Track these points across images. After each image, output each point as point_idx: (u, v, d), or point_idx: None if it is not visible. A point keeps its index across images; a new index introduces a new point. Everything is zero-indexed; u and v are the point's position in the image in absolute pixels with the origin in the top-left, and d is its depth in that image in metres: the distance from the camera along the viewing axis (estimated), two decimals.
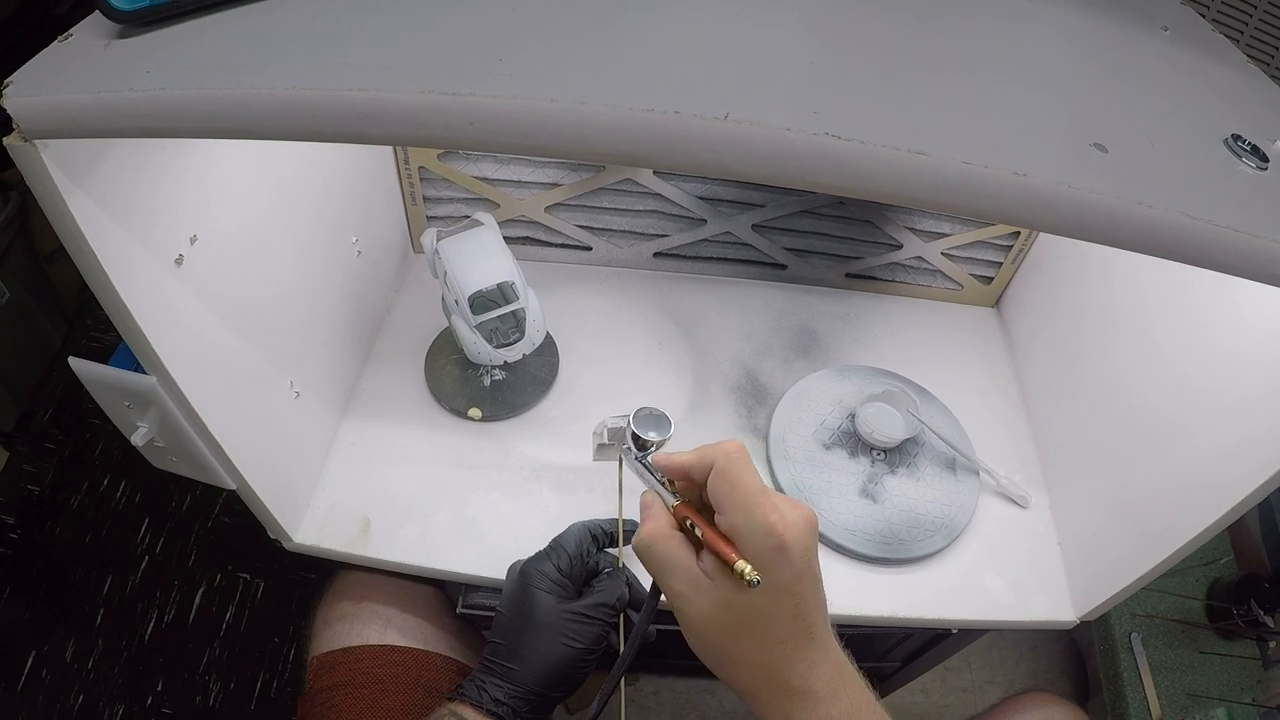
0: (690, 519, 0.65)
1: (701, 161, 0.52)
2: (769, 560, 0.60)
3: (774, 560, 0.60)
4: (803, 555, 0.61)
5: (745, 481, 0.62)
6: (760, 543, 0.60)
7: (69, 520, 1.94)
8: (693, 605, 0.63)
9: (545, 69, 0.53)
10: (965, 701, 1.82)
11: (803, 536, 0.61)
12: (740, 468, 0.63)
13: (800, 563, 0.61)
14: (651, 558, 0.66)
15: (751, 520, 0.61)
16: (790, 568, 0.60)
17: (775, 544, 0.60)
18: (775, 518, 0.60)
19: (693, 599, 0.63)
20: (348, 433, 1.06)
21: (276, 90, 0.50)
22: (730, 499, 0.62)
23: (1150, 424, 0.92)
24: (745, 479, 0.63)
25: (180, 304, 0.70)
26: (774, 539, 0.60)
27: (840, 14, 0.66)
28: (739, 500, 0.62)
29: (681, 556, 0.64)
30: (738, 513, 0.61)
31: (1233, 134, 0.63)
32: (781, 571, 0.60)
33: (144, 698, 1.71)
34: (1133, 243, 0.55)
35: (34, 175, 0.53)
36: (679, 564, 0.64)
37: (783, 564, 0.60)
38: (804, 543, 0.61)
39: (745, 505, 0.61)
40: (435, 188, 1.18)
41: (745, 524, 0.61)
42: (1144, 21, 0.79)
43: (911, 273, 1.30)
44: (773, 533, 0.60)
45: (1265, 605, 1.52)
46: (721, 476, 0.63)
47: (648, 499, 0.71)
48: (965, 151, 0.52)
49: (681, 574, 0.64)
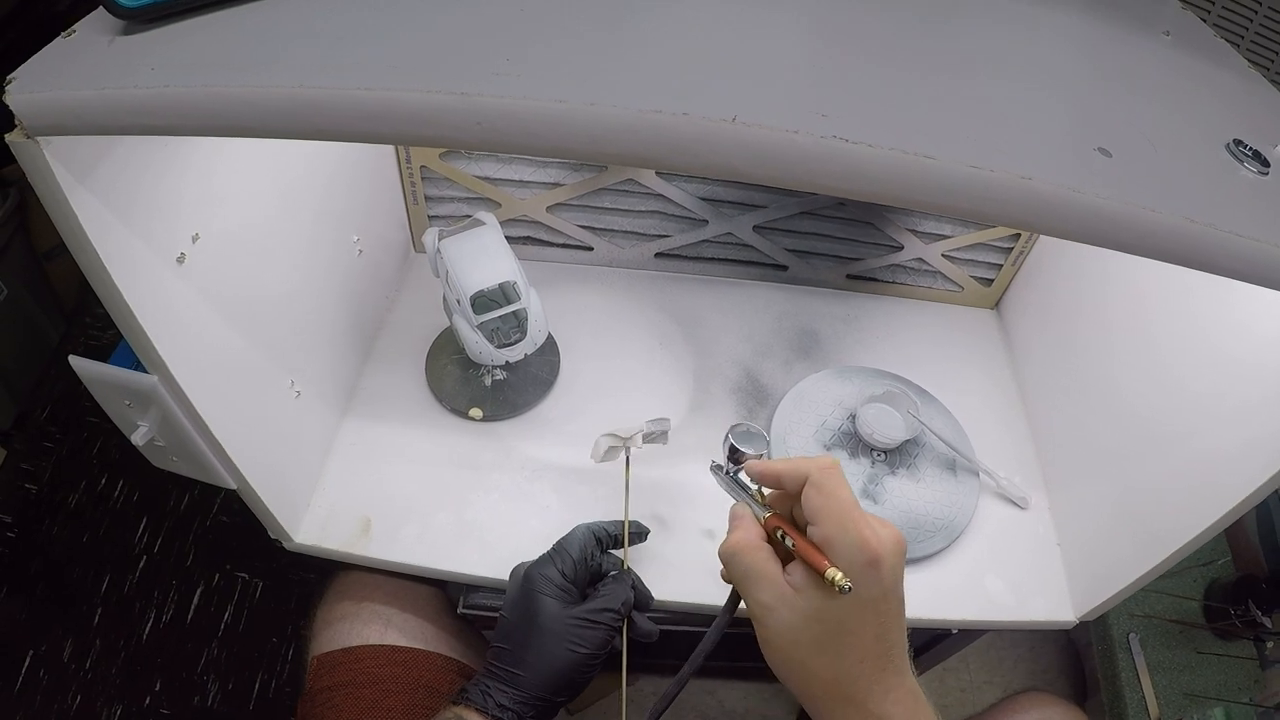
0: (782, 529, 0.66)
1: (709, 163, 0.52)
2: (860, 574, 0.60)
3: (865, 575, 0.60)
4: (892, 573, 0.62)
5: (841, 495, 0.63)
6: (852, 556, 0.60)
7: (67, 519, 1.94)
8: (778, 617, 0.63)
9: (553, 70, 0.53)
10: (964, 702, 1.82)
11: (893, 555, 0.62)
12: (836, 482, 0.64)
13: (889, 581, 0.61)
14: (738, 567, 0.66)
15: (845, 533, 0.61)
16: (879, 585, 0.61)
17: (868, 559, 0.60)
18: (869, 533, 0.61)
19: (778, 610, 0.63)
20: (348, 432, 1.06)
21: (283, 89, 0.50)
22: (825, 511, 0.63)
23: (1149, 426, 0.92)
24: (841, 493, 0.63)
25: (182, 303, 0.70)
26: (867, 554, 0.60)
27: (847, 17, 0.66)
28: (834, 512, 0.62)
29: (769, 567, 0.65)
30: (832, 525, 0.62)
31: (1234, 139, 0.63)
32: (871, 587, 0.61)
33: (142, 698, 1.71)
34: (1136, 247, 0.55)
35: (36, 172, 0.53)
36: (766, 575, 0.64)
37: (873, 580, 0.60)
38: (893, 561, 0.62)
39: (840, 518, 0.62)
40: (437, 187, 1.18)
41: (839, 536, 0.61)
42: (1146, 26, 0.79)
43: (912, 274, 1.30)
44: (866, 547, 0.60)
45: (1262, 606, 1.52)
46: (817, 488, 0.64)
47: (738, 510, 0.71)
48: (971, 155, 0.52)
49: (768, 585, 0.64)
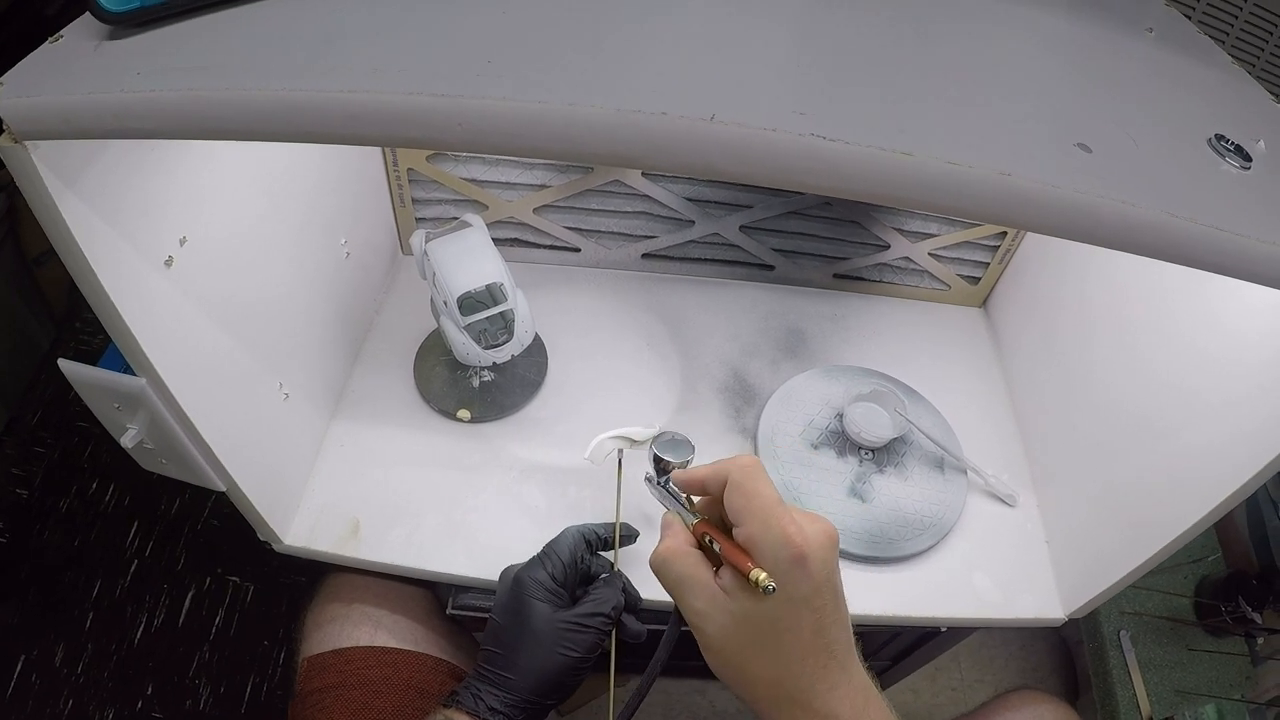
0: (708, 534, 0.65)
1: (688, 162, 0.52)
2: (787, 572, 0.59)
3: (792, 572, 0.59)
4: (822, 568, 0.60)
5: (762, 493, 0.62)
6: (777, 553, 0.59)
7: (57, 524, 1.93)
8: (711, 621, 0.62)
9: (534, 71, 0.53)
10: (955, 700, 1.83)
11: (821, 549, 0.60)
12: (756, 480, 0.63)
13: (819, 575, 0.60)
14: (669, 574, 0.66)
15: (768, 531, 0.60)
16: (809, 580, 0.60)
17: (793, 554, 0.59)
18: (793, 529, 0.60)
19: (711, 615, 0.62)
20: (337, 434, 1.07)
21: (266, 92, 0.51)
22: (746, 510, 0.62)
23: (1137, 422, 0.92)
24: (762, 490, 0.62)
25: (169, 305, 0.70)
26: (791, 549, 0.59)
27: (826, 17, 0.66)
28: (755, 511, 0.61)
29: (699, 573, 0.64)
30: (755, 524, 0.61)
31: (1216, 134, 0.63)
32: (800, 584, 0.60)
33: (134, 702, 1.71)
34: (1116, 241, 0.55)
35: (24, 176, 0.53)
36: (697, 580, 0.64)
37: (801, 576, 0.60)
38: (823, 555, 0.60)
39: (762, 516, 0.61)
40: (424, 189, 1.18)
41: (762, 534, 0.60)
42: (1129, 23, 0.79)
43: (899, 273, 1.30)
44: (790, 543, 0.59)
45: (1253, 602, 1.52)
46: (737, 489, 0.63)
47: (668, 519, 0.71)
48: (950, 151, 0.52)
49: (699, 590, 0.63)
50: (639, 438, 0.95)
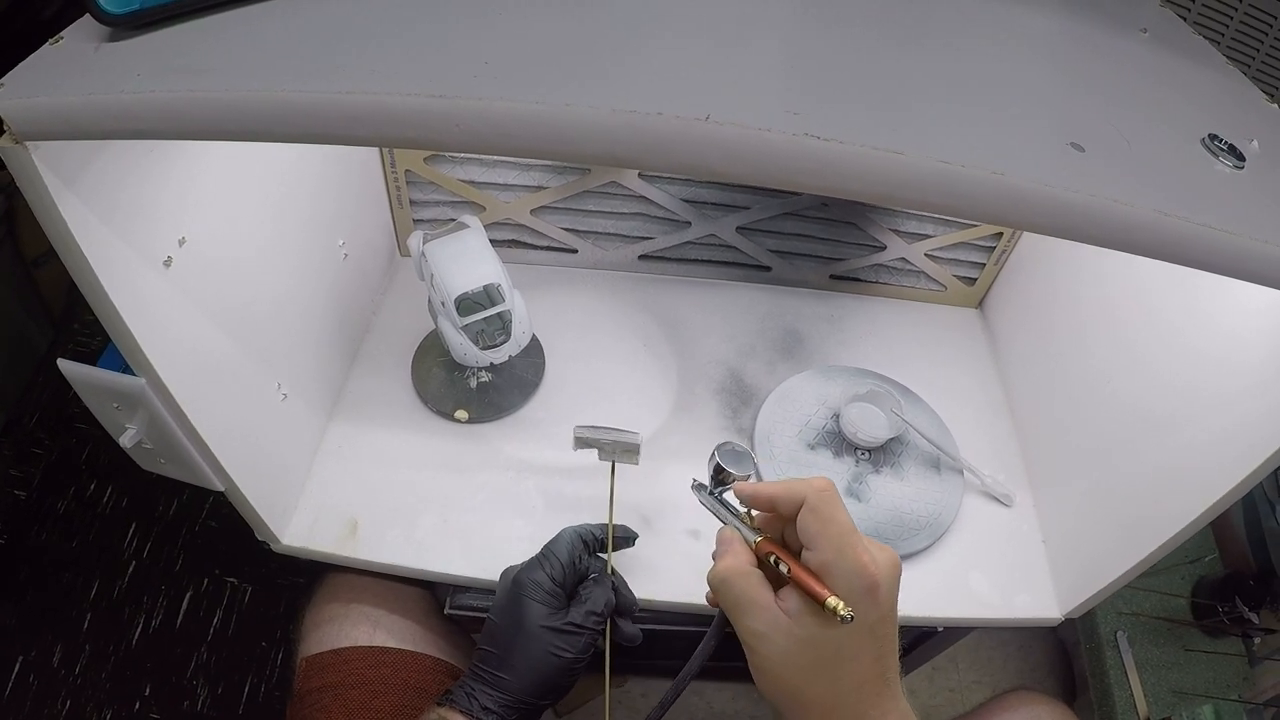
0: (776, 555, 0.64)
1: (683, 162, 0.53)
2: (858, 600, 0.59)
3: (863, 601, 0.59)
4: (889, 597, 0.61)
5: (839, 519, 0.62)
6: (852, 583, 0.59)
7: (55, 525, 1.93)
8: (772, 644, 0.62)
9: (530, 72, 0.54)
10: (953, 701, 1.83)
11: (890, 579, 0.61)
12: (833, 505, 0.62)
13: (887, 604, 0.61)
14: (729, 594, 0.65)
15: (844, 559, 0.60)
16: (877, 609, 0.60)
17: (867, 584, 0.59)
18: (867, 558, 0.60)
19: (771, 638, 0.62)
20: (335, 435, 1.07)
21: (264, 93, 0.51)
22: (823, 536, 0.61)
23: (1132, 421, 0.93)
24: (839, 516, 0.62)
25: (168, 306, 0.70)
26: (866, 579, 0.59)
27: (820, 17, 0.67)
28: (832, 537, 0.61)
29: (761, 594, 0.63)
30: (829, 550, 0.61)
31: (1210, 133, 0.64)
32: (869, 612, 0.60)
33: (132, 703, 1.71)
34: (1109, 240, 0.55)
35: (24, 177, 0.54)
36: (758, 602, 0.63)
37: (871, 605, 0.60)
38: (890, 585, 0.61)
39: (838, 543, 0.60)
40: (421, 191, 1.18)
41: (837, 562, 0.60)
42: (1123, 24, 0.80)
43: (895, 274, 1.31)
44: (865, 573, 0.59)
45: (1250, 602, 1.53)
46: (814, 513, 0.62)
47: (726, 534, 0.70)
48: (943, 151, 0.53)
49: (761, 612, 0.62)
50: (611, 438, 0.94)
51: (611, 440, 0.93)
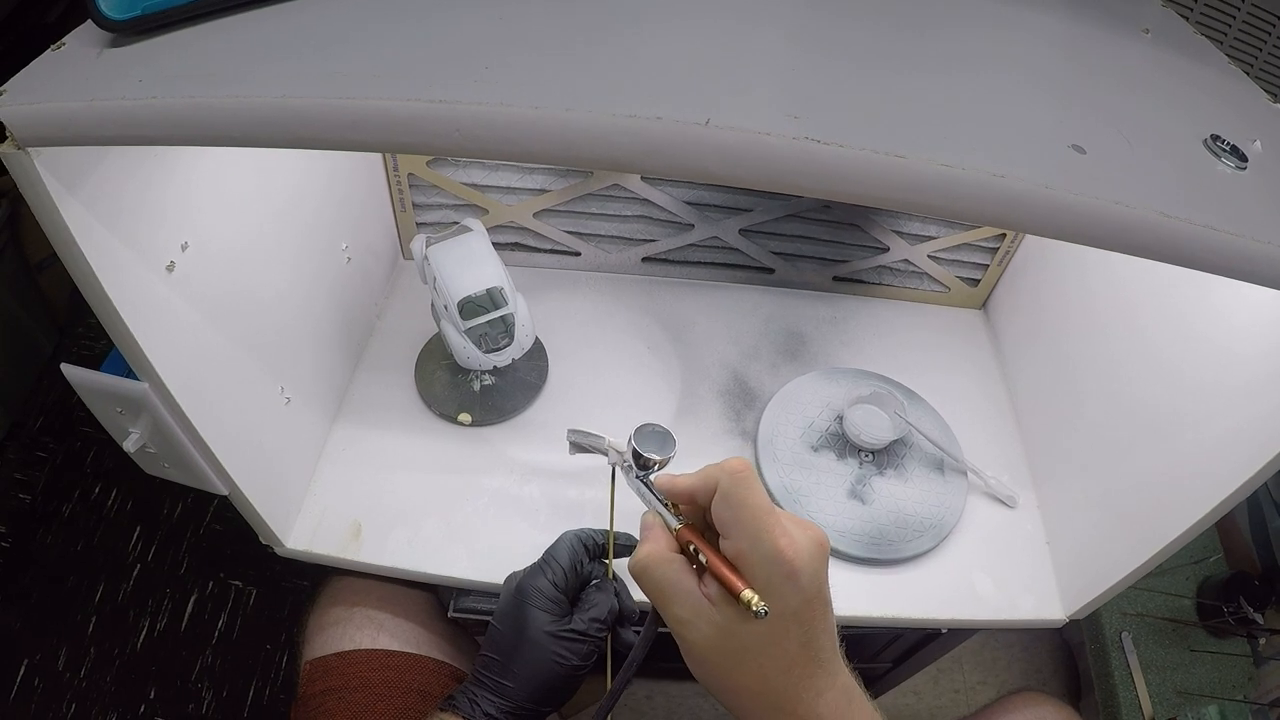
0: (694, 543, 0.62)
1: (684, 166, 0.53)
2: (777, 588, 0.57)
3: (783, 588, 0.57)
4: (812, 580, 0.58)
5: (751, 503, 0.59)
6: (768, 570, 0.57)
7: (60, 529, 1.94)
8: (695, 631, 0.60)
9: (530, 77, 0.54)
10: (958, 703, 1.83)
11: (812, 561, 0.58)
12: (745, 488, 0.60)
13: (810, 588, 0.58)
14: (650, 581, 0.63)
15: (759, 545, 0.58)
16: (799, 594, 0.58)
17: (784, 571, 0.57)
18: (785, 542, 0.57)
19: (695, 625, 0.60)
20: (339, 438, 1.07)
21: (266, 99, 0.51)
22: (736, 522, 0.59)
23: (1137, 421, 0.93)
24: (751, 500, 0.59)
25: (172, 310, 0.70)
26: (783, 565, 0.57)
27: (819, 21, 0.67)
28: (745, 523, 0.59)
29: (683, 580, 0.61)
30: (744, 537, 0.58)
31: (1212, 134, 0.63)
32: (790, 599, 0.58)
33: (136, 706, 1.71)
34: (1111, 242, 0.55)
35: (27, 183, 0.54)
36: (680, 588, 0.61)
37: (791, 591, 0.57)
38: (814, 567, 0.58)
39: (752, 529, 0.58)
40: (424, 194, 1.18)
41: (752, 549, 0.58)
42: (1125, 24, 0.80)
43: (898, 276, 1.31)
44: (781, 559, 0.57)
45: (1255, 603, 1.53)
46: (725, 499, 0.60)
47: (649, 520, 0.68)
48: (944, 154, 0.52)
49: (683, 599, 0.61)
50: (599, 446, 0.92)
51: (604, 447, 0.93)
